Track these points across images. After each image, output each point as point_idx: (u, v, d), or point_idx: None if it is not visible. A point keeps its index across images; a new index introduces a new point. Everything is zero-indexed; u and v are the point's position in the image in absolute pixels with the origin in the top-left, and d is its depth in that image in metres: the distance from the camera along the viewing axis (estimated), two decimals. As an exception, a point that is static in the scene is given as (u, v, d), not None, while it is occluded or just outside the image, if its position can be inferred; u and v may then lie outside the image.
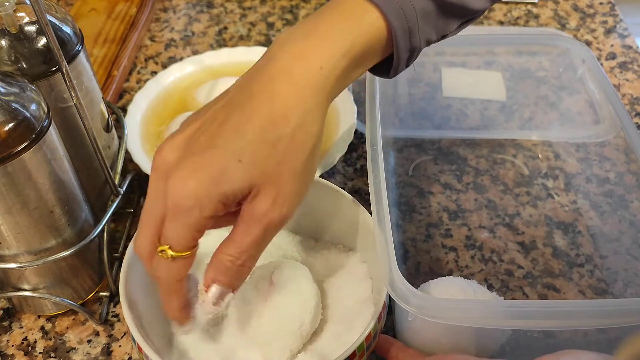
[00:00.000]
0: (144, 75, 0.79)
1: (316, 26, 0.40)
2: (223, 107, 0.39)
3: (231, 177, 0.37)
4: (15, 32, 0.48)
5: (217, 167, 0.36)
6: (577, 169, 0.65)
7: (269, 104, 0.37)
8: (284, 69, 0.38)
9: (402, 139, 0.69)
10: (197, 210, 0.37)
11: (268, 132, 0.37)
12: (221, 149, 0.37)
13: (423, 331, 0.46)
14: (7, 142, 0.42)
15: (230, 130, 0.37)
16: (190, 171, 0.37)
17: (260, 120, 0.37)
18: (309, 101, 0.38)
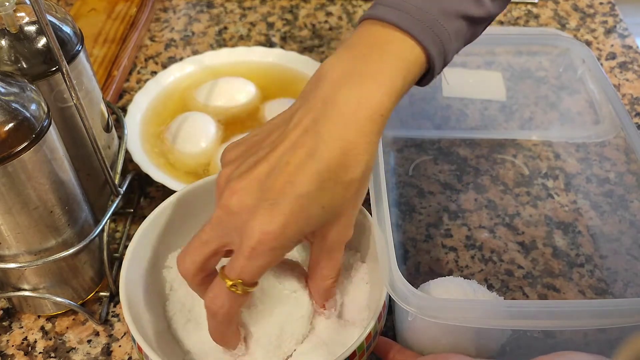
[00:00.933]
0: (144, 75, 0.79)
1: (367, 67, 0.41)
2: (293, 148, 0.40)
3: (314, 220, 0.40)
4: (15, 32, 0.48)
5: (302, 212, 0.39)
6: (577, 169, 0.65)
7: (342, 151, 0.39)
8: (350, 116, 0.40)
9: (402, 139, 0.69)
10: (279, 250, 0.40)
11: (343, 176, 0.40)
12: (305, 196, 0.39)
13: (423, 331, 0.46)
14: (7, 142, 0.42)
15: (310, 176, 0.39)
16: (277, 214, 0.38)
17: (335, 167, 0.39)
18: (373, 145, 0.41)
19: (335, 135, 0.39)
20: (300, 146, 0.39)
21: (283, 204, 0.38)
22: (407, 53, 0.42)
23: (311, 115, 0.40)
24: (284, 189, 0.39)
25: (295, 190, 0.39)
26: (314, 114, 0.40)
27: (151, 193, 0.65)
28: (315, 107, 0.40)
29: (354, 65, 0.41)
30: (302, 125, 0.40)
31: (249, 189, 0.39)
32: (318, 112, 0.40)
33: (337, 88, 0.40)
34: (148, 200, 0.64)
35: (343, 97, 0.40)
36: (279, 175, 0.39)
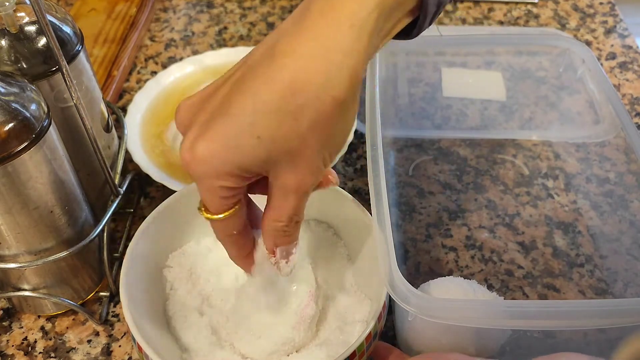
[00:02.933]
0: (144, 75, 0.79)
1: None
2: (242, 66, 0.36)
3: (247, 152, 0.34)
4: (15, 32, 0.48)
5: (231, 139, 0.34)
6: (577, 169, 0.65)
7: (291, 67, 0.33)
8: (310, 27, 0.34)
9: (402, 139, 0.69)
10: (212, 180, 0.35)
11: (289, 102, 0.33)
12: (235, 118, 0.34)
13: (423, 331, 0.46)
14: (7, 142, 0.42)
15: (246, 95, 0.34)
16: (201, 138, 0.34)
17: (280, 86, 0.33)
18: (337, 64, 0.34)
19: (285, 49, 0.34)
20: (251, 62, 0.35)
21: (210, 129, 0.34)
22: None
23: (275, 33, 0.36)
24: (217, 109, 0.34)
25: (228, 109, 0.34)
26: (277, 31, 0.36)
27: (151, 193, 0.65)
28: (282, 25, 0.36)
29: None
30: (263, 42, 0.36)
31: (190, 106, 0.36)
32: (282, 28, 0.36)
33: (309, 2, 0.35)
34: (148, 200, 0.64)
35: (310, 8, 0.35)
36: (219, 93, 0.35)
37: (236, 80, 0.35)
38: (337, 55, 0.34)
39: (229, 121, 0.34)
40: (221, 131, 0.34)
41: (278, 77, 0.34)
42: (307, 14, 0.35)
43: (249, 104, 0.34)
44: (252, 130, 0.34)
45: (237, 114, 0.34)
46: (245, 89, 0.34)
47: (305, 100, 0.33)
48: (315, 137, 0.35)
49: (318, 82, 0.33)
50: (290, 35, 0.35)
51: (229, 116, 0.34)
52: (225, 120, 0.34)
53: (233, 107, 0.34)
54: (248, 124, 0.34)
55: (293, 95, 0.33)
